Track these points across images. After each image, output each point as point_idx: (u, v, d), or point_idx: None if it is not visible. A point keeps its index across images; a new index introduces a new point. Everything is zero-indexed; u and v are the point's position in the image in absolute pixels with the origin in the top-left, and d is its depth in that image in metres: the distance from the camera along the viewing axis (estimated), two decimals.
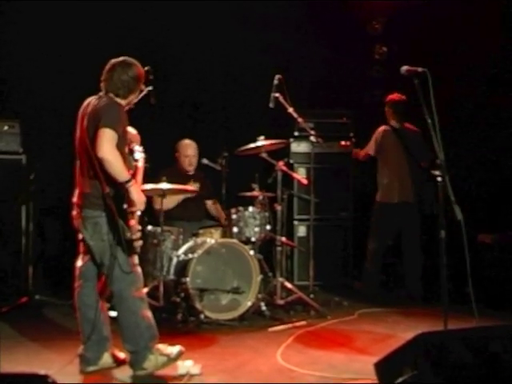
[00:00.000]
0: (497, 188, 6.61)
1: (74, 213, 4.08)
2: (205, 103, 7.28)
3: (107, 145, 3.79)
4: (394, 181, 6.47)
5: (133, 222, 3.92)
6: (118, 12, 6.61)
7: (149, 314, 4.08)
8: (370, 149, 6.61)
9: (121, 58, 4.12)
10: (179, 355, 4.08)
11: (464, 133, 6.68)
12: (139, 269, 4.10)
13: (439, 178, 4.02)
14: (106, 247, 3.92)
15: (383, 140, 6.53)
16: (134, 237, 3.90)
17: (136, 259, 4.05)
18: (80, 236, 4.12)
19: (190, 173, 6.34)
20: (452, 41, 6.69)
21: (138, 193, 3.95)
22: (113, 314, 4.22)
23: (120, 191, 3.89)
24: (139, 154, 4.28)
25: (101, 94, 4.10)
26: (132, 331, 4.01)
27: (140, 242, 3.97)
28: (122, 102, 4.10)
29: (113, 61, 4.12)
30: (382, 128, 6.57)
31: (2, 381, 2.85)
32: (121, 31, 6.64)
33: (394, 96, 6.52)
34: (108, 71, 4.09)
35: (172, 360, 4.05)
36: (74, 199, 4.08)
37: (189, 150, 6.32)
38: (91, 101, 4.08)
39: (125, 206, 3.88)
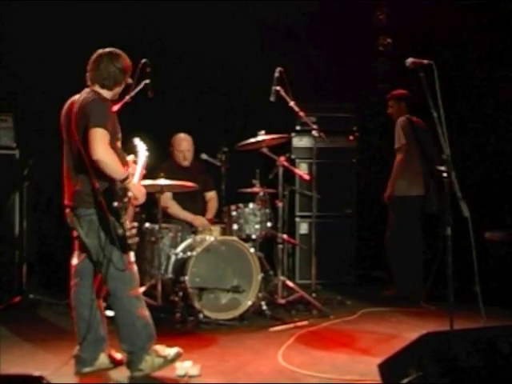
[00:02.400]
0: (505, 184, 6.52)
1: (67, 211, 4.03)
2: (204, 97, 7.20)
3: (100, 145, 3.74)
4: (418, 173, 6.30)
5: (125, 219, 3.85)
6: (116, 4, 6.56)
7: (146, 313, 4.03)
8: (401, 139, 6.26)
9: (108, 49, 4.06)
10: (177, 357, 4.03)
11: (470, 127, 6.61)
12: (135, 267, 4.04)
13: (445, 174, 3.92)
14: (103, 246, 3.85)
15: (409, 131, 6.27)
16: (128, 233, 3.83)
17: (132, 257, 3.99)
18: (75, 233, 4.06)
19: (186, 166, 6.23)
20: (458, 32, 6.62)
21: (137, 187, 3.95)
22: (110, 313, 4.16)
23: (111, 187, 3.84)
24: (141, 149, 4.19)
25: (85, 89, 4.04)
26: (128, 331, 3.96)
27: (135, 239, 3.91)
28: (108, 93, 4.04)
29: (100, 51, 4.06)
30: (403, 118, 6.32)
31: None
32: (119, 23, 6.59)
33: (404, 91, 6.39)
34: (94, 61, 4.03)
35: (169, 362, 4.00)
36: (65, 201, 4.03)
37: (182, 144, 6.20)
38: (75, 99, 4.02)
39: (115, 203, 3.81)
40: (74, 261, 4.14)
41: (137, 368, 3.96)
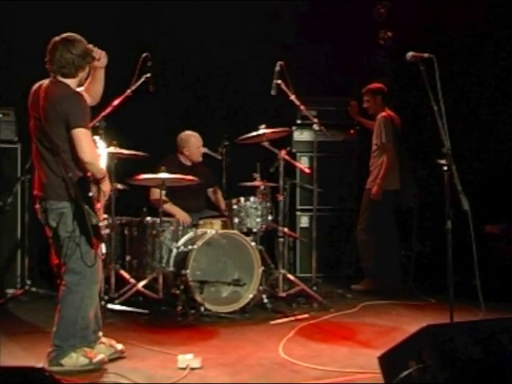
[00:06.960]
0: (504, 177, 6.52)
1: (37, 206, 3.94)
2: (205, 90, 7.18)
3: (88, 148, 3.75)
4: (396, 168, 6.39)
5: (99, 208, 3.81)
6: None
7: (92, 315, 3.91)
8: (384, 138, 6.32)
9: (63, 35, 3.93)
10: (100, 364, 3.87)
11: (470, 120, 6.61)
12: (100, 264, 3.97)
13: (445, 167, 3.93)
14: (71, 238, 3.78)
15: (390, 130, 6.33)
16: (101, 223, 3.78)
17: (103, 249, 3.93)
18: (48, 232, 3.97)
19: (189, 165, 6.23)
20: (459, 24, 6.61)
21: (107, 184, 3.94)
22: (111, 306, 4.15)
23: (83, 177, 3.80)
24: (101, 147, 4.17)
25: (50, 79, 3.90)
26: (66, 327, 3.85)
27: (107, 231, 3.89)
28: (73, 81, 3.90)
29: (54, 39, 3.93)
30: (385, 115, 6.37)
31: None
32: (121, 18, 6.57)
33: (380, 84, 6.48)
34: (50, 51, 3.90)
35: (92, 365, 3.84)
36: (35, 192, 3.94)
37: (194, 143, 6.18)
38: (42, 85, 3.89)
39: (90, 193, 3.78)
40: (56, 260, 4.03)
41: (58, 362, 3.82)
